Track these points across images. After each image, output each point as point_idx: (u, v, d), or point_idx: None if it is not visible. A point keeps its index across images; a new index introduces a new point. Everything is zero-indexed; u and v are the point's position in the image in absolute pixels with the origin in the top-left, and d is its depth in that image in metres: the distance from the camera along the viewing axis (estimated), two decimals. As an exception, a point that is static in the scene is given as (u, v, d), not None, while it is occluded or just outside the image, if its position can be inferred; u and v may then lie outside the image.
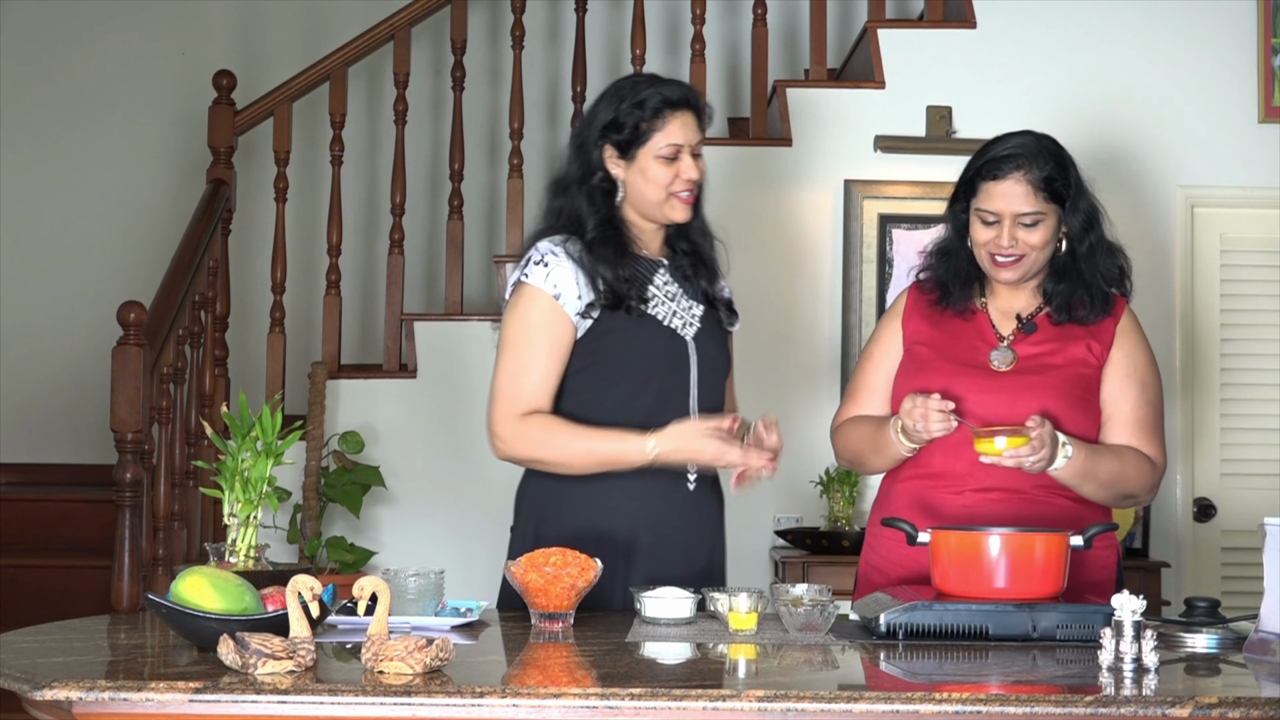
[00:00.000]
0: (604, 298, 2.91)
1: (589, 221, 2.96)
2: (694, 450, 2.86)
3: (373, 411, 5.24)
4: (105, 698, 2.00)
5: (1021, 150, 2.93)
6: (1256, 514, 4.87)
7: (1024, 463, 2.75)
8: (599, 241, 2.94)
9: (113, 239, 6.19)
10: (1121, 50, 5.29)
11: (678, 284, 3.02)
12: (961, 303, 3.03)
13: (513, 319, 2.94)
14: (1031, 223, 2.92)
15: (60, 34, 6.28)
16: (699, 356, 2.99)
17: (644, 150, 2.95)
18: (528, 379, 2.91)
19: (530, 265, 2.93)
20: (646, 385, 2.94)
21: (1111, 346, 2.95)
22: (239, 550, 2.56)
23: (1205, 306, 5.25)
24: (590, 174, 2.98)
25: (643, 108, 2.94)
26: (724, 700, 2.01)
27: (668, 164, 2.95)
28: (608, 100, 3.00)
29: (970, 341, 3.00)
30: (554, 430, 2.90)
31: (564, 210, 3.00)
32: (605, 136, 2.97)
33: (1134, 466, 2.89)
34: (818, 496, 5.13)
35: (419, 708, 2.00)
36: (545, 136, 6.33)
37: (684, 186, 2.96)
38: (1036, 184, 2.91)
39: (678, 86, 2.99)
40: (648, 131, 2.94)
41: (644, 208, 2.98)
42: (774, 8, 6.04)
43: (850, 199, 5.20)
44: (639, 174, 2.96)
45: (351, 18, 6.07)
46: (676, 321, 2.98)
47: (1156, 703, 2.02)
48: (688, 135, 2.96)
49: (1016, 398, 2.89)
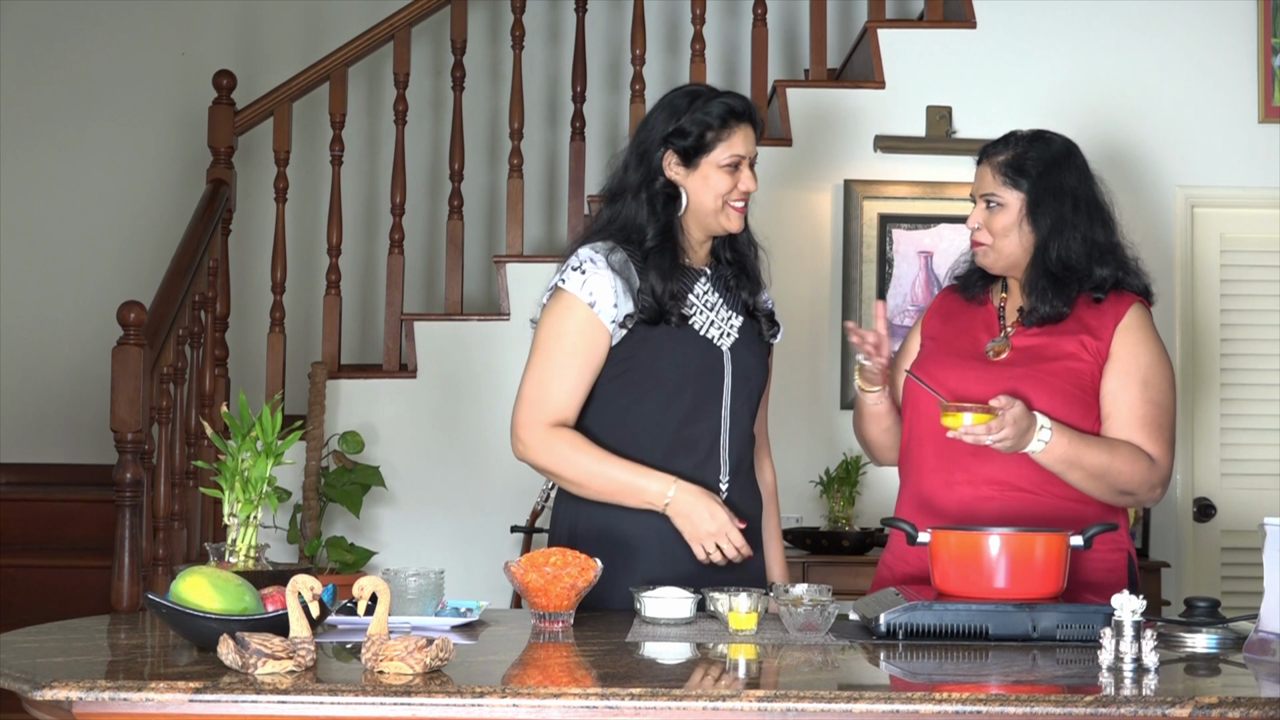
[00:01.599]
0: (644, 312, 2.90)
1: (649, 229, 2.94)
2: (693, 524, 2.86)
3: (373, 411, 5.24)
4: (105, 698, 2.00)
5: (1009, 137, 3.03)
6: (1256, 514, 4.89)
7: (982, 439, 2.74)
8: (656, 251, 2.93)
9: (113, 239, 6.19)
10: (1121, 50, 5.29)
11: (718, 294, 3.02)
12: (979, 293, 3.09)
13: (548, 324, 2.93)
14: (992, 206, 2.99)
15: (60, 34, 6.28)
16: (734, 367, 2.98)
17: (708, 159, 2.95)
18: (556, 388, 2.90)
19: (569, 271, 2.92)
20: (679, 394, 2.92)
21: (1111, 344, 2.95)
22: (239, 550, 2.56)
23: (1205, 306, 5.25)
24: (651, 180, 2.97)
25: (709, 116, 2.94)
26: (724, 700, 2.01)
27: (729, 174, 2.95)
28: (669, 109, 2.99)
29: (974, 333, 3.04)
30: (580, 450, 2.88)
31: (618, 217, 2.98)
32: (668, 144, 2.96)
33: (1126, 460, 2.86)
34: (818, 496, 5.13)
35: (419, 708, 2.00)
36: (545, 136, 6.33)
37: (740, 197, 2.97)
38: (996, 167, 3.00)
39: (740, 99, 3.00)
40: (713, 141, 2.94)
41: (701, 216, 2.98)
42: (774, 8, 6.05)
43: (850, 199, 5.20)
44: (700, 181, 2.95)
45: (351, 18, 6.08)
46: (714, 331, 2.98)
47: (1156, 703, 2.02)
48: (748, 148, 2.98)
49: (1001, 386, 2.89)
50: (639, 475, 2.87)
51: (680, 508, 2.86)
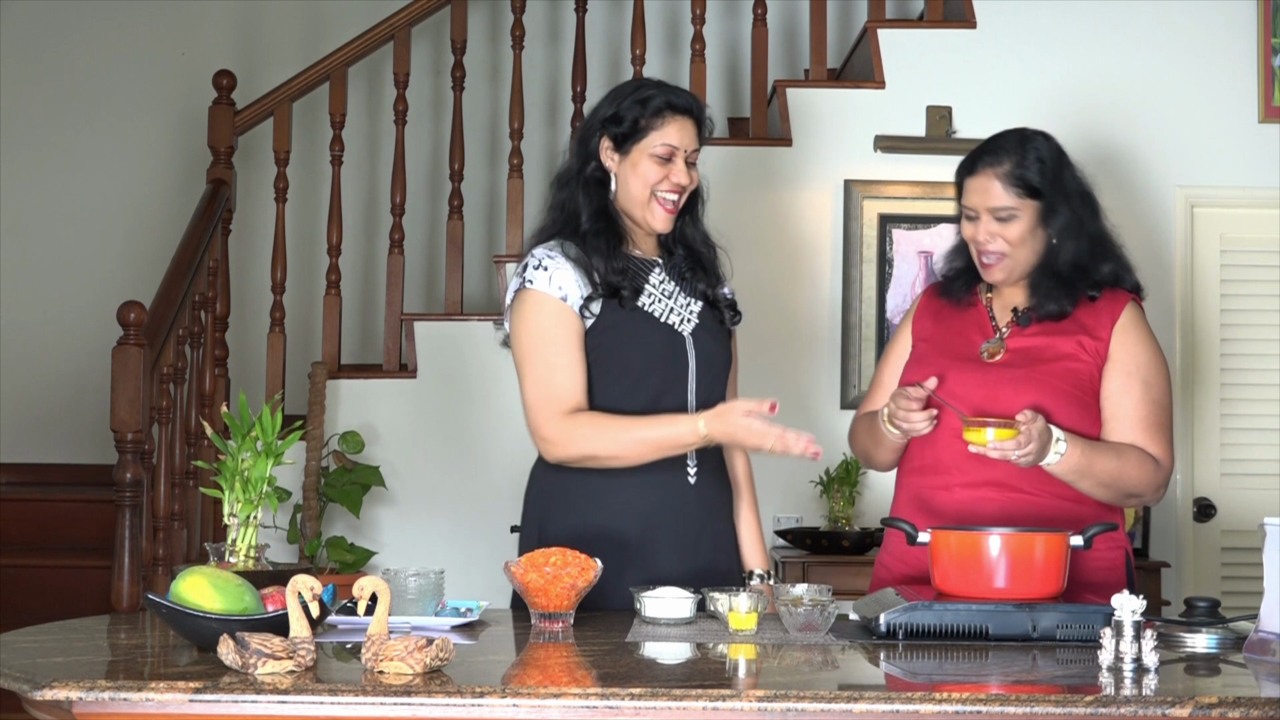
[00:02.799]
0: (600, 289, 2.91)
1: (584, 213, 2.97)
2: (736, 430, 2.82)
3: (373, 411, 5.24)
4: (105, 698, 2.00)
5: (998, 145, 2.97)
6: (1256, 514, 4.88)
7: (1009, 455, 2.74)
8: (593, 233, 2.95)
9: (113, 239, 6.19)
10: (1121, 50, 5.29)
11: (674, 282, 3.02)
12: (965, 295, 3.06)
13: (524, 327, 2.92)
14: (1005, 217, 2.93)
15: (60, 34, 6.28)
16: (697, 352, 2.98)
17: (639, 146, 2.95)
18: (560, 378, 2.89)
19: (530, 271, 2.92)
20: (645, 380, 2.93)
21: (1110, 344, 2.94)
22: (239, 550, 2.56)
23: (1205, 306, 5.25)
24: (585, 164, 2.99)
25: (645, 105, 2.95)
26: (724, 700, 2.01)
27: (660, 164, 2.95)
28: (611, 96, 3.02)
29: (967, 335, 3.02)
30: (602, 426, 2.87)
31: (560, 204, 3.02)
32: (604, 129, 2.98)
33: (1135, 465, 2.87)
34: (818, 496, 5.13)
35: (419, 708, 2.00)
36: (545, 136, 6.33)
37: (670, 189, 2.96)
38: (1005, 177, 2.93)
39: (684, 94, 3.00)
40: (645, 128, 2.94)
41: (629, 206, 2.98)
42: (774, 8, 6.05)
43: (850, 199, 5.20)
44: (630, 168, 2.96)
45: (351, 18, 6.08)
46: (674, 318, 2.98)
47: (1156, 703, 2.02)
48: (684, 140, 2.96)
49: (1000, 389, 2.89)
50: (669, 425, 2.86)
51: (715, 438, 2.86)
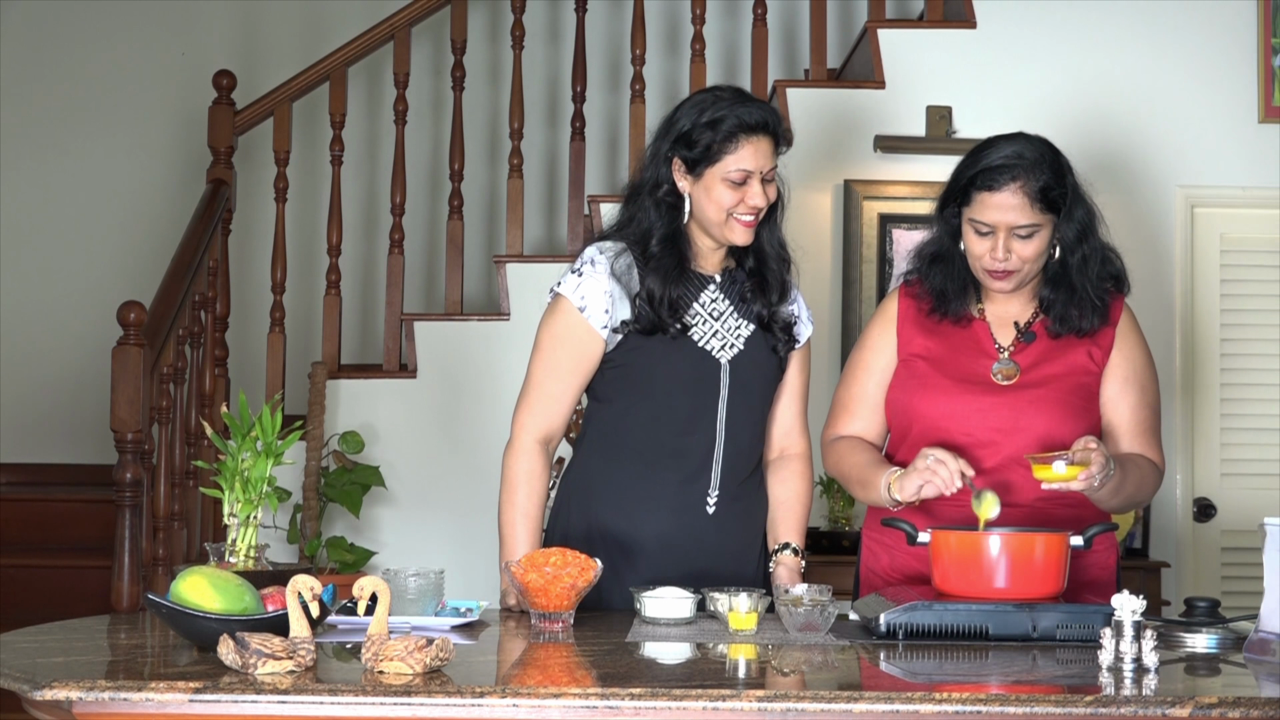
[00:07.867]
0: (640, 321, 2.86)
1: (654, 234, 2.90)
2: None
3: (373, 411, 5.24)
4: (105, 698, 2.00)
5: (1018, 160, 2.81)
6: (1256, 514, 4.88)
7: (1094, 482, 2.66)
8: (658, 256, 2.88)
9: (113, 239, 6.19)
10: (1121, 50, 5.29)
11: (728, 301, 2.96)
12: (959, 310, 2.95)
13: (544, 326, 2.94)
14: (1027, 234, 2.83)
15: (61, 34, 6.28)
16: (732, 379, 2.92)
17: (712, 171, 2.85)
18: (546, 400, 2.91)
19: (569, 274, 2.91)
20: (672, 405, 2.89)
21: (1111, 350, 2.93)
22: (239, 550, 2.56)
23: (1205, 306, 5.25)
24: (658, 185, 2.91)
25: (716, 128, 2.84)
26: (724, 700, 2.01)
27: (734, 188, 2.85)
28: (686, 112, 2.90)
29: (970, 353, 2.93)
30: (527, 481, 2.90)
31: (633, 218, 2.95)
32: (675, 150, 2.89)
33: (1146, 475, 2.88)
34: (818, 496, 5.13)
35: (419, 708, 2.00)
36: (545, 136, 6.34)
37: (747, 211, 2.87)
38: (1033, 195, 2.81)
39: (758, 109, 2.87)
40: (718, 153, 2.84)
41: (706, 226, 2.91)
42: (774, 8, 6.05)
43: (850, 199, 5.20)
44: (704, 192, 2.87)
45: (351, 18, 6.08)
46: (714, 343, 2.92)
47: (1156, 703, 2.02)
48: (759, 161, 2.85)
49: (1020, 412, 2.85)
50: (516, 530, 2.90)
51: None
